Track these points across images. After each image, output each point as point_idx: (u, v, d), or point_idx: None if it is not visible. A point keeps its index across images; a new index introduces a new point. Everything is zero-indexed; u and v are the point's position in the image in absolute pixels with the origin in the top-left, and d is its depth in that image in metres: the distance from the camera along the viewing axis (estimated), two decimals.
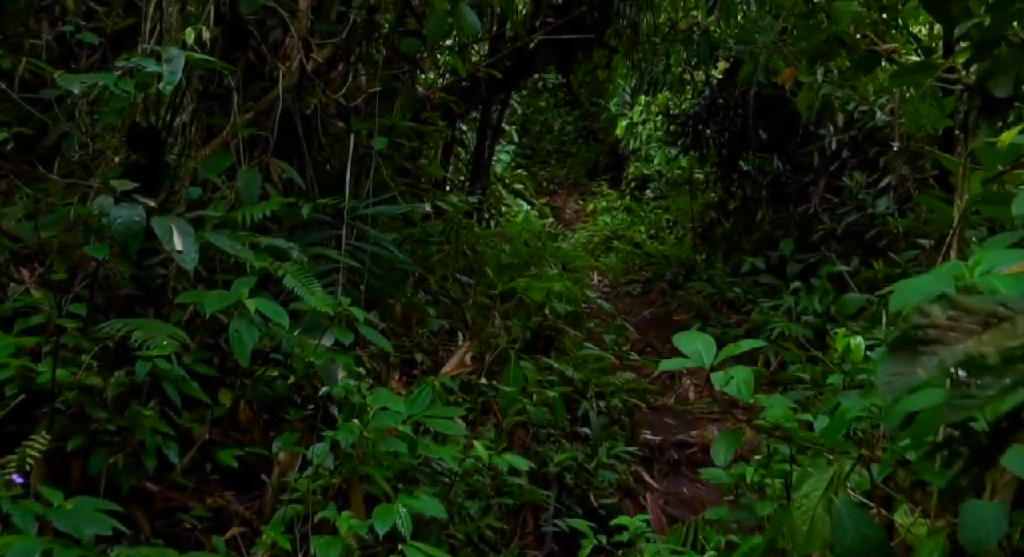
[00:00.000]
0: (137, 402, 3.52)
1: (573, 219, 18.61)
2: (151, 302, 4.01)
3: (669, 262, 13.21)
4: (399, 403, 3.92)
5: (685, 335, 3.59)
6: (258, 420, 4.18)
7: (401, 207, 5.64)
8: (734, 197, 12.30)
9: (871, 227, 8.88)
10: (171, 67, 3.04)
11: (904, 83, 4.09)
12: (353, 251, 5.10)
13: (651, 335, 10.69)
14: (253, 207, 4.15)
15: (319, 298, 3.88)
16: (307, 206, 4.52)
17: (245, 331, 3.76)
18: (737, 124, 11.79)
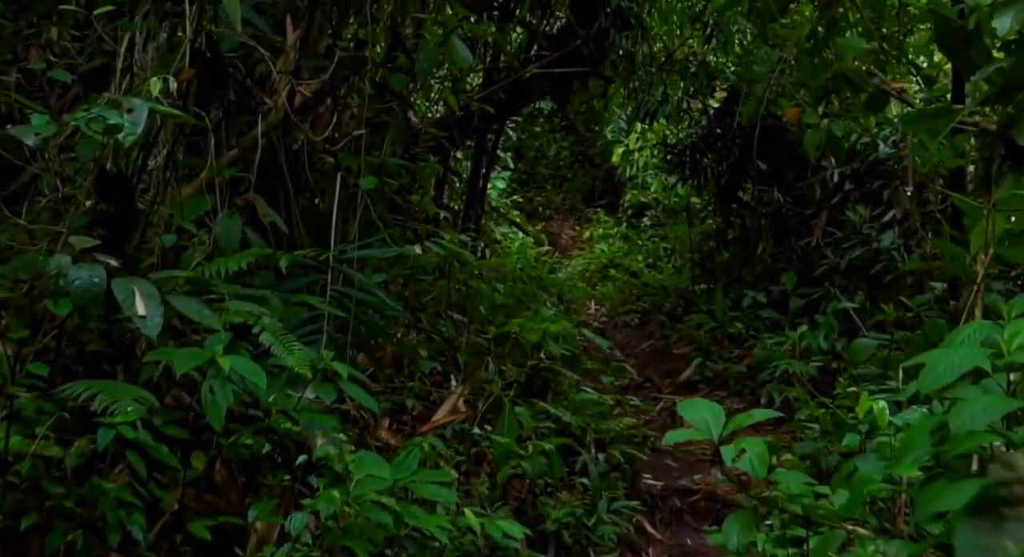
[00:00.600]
0: (99, 473, 3.26)
1: (569, 245, 18.41)
2: (120, 358, 3.76)
3: (668, 293, 12.98)
4: (384, 468, 3.67)
5: (691, 404, 3.35)
6: (235, 482, 3.92)
7: (390, 250, 5.40)
8: (733, 227, 12.09)
9: (876, 262, 8.66)
10: (132, 118, 2.81)
11: (920, 129, 3.87)
12: (339, 297, 4.86)
13: (650, 369, 10.45)
14: (229, 258, 3.91)
15: (297, 358, 3.63)
16: (285, 258, 4.27)
17: (219, 392, 3.51)
18: (735, 154, 11.60)
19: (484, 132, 11.40)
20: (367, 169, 6.24)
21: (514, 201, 18.20)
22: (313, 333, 4.81)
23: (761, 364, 8.99)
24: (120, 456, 3.37)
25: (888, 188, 8.91)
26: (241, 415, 3.94)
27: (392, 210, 7.36)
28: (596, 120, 17.40)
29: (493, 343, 6.37)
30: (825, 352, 8.37)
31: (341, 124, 6.91)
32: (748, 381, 9.13)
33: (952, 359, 2.61)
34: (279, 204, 5.82)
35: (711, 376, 9.52)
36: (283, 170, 5.77)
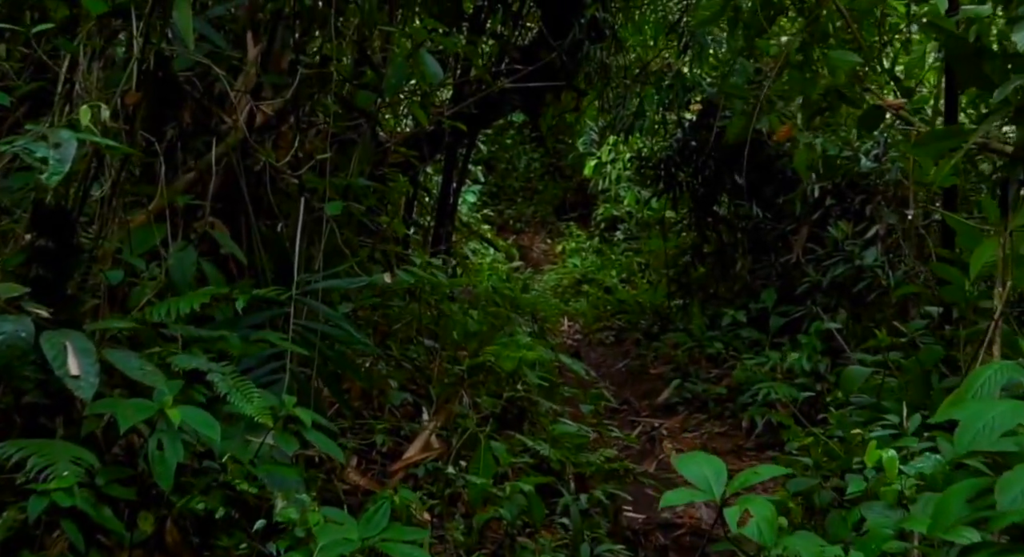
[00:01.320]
0: (32, 545, 2.93)
1: (541, 259, 18.14)
2: (59, 410, 3.42)
3: (643, 309, 12.71)
4: (352, 527, 3.36)
5: (690, 458, 3.07)
6: (188, 544, 3.58)
7: (358, 280, 5.08)
8: (709, 241, 11.83)
9: (859, 280, 8.42)
10: (59, 154, 2.48)
11: (928, 151, 3.62)
12: (303, 332, 4.53)
13: (627, 390, 10.17)
14: (181, 299, 3.58)
15: (256, 405, 3.31)
16: (242, 298, 3.94)
17: (168, 447, 3.19)
18: (711, 167, 11.36)
19: (455, 147, 11.09)
20: (333, 191, 5.92)
21: (484, 215, 17.90)
22: (276, 371, 4.49)
23: (742, 386, 8.73)
24: (56, 524, 3.04)
25: (870, 203, 8.68)
26: (194, 469, 3.60)
27: (360, 232, 7.04)
28: (568, 132, 17.18)
29: (467, 374, 6.05)
30: (808, 374, 8.12)
31: (305, 144, 6.60)
32: (728, 403, 8.86)
33: (990, 415, 2.35)
34: (240, 230, 5.50)
35: (690, 398, 9.25)
36: (243, 194, 5.44)
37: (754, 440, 8.16)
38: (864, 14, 6.31)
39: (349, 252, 5.66)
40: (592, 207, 17.76)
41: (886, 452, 3.13)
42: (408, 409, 6.37)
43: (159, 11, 4.17)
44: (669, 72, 10.98)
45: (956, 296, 4.87)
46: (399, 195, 7.94)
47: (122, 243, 3.97)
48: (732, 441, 8.28)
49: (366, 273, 6.74)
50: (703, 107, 11.06)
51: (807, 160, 4.52)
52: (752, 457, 7.89)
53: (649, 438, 8.44)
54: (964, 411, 2.43)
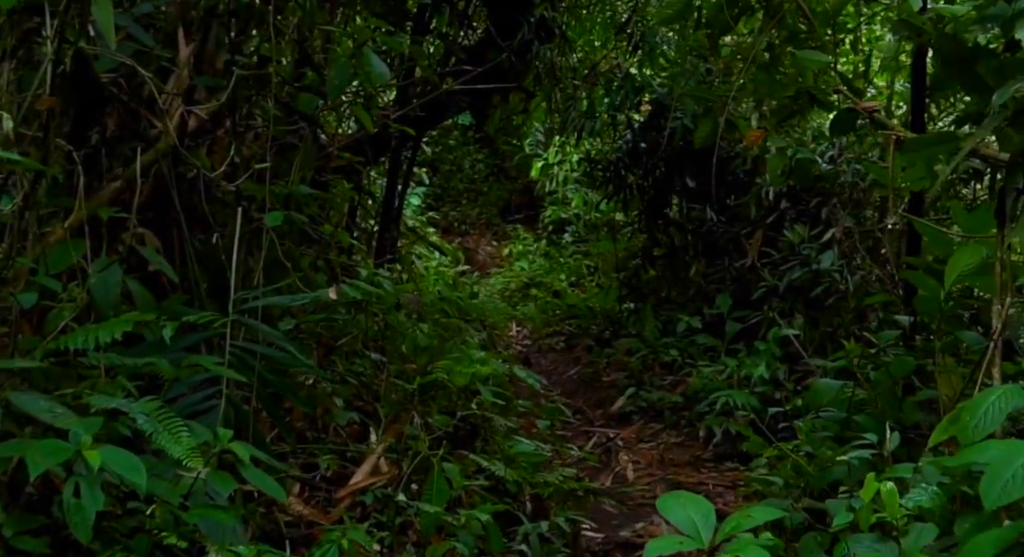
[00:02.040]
0: None
1: (487, 262, 17.85)
2: None
3: (594, 314, 12.46)
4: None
5: (674, 498, 2.80)
6: None
7: (300, 297, 4.74)
8: (660, 244, 11.59)
9: (816, 284, 8.23)
10: None
11: (919, 157, 3.39)
12: (240, 355, 4.19)
13: (580, 398, 9.91)
14: (101, 327, 3.23)
15: (185, 445, 2.98)
16: (170, 325, 3.59)
17: (87, 494, 2.85)
18: (661, 169, 11.14)
19: (400, 149, 10.76)
20: (273, 200, 5.58)
21: (429, 217, 17.56)
22: (212, 397, 4.14)
23: (698, 394, 8.51)
24: None
25: (826, 206, 8.50)
26: (116, 515, 3.25)
27: (302, 242, 6.70)
28: (514, 134, 16.91)
29: (418, 391, 5.73)
30: (767, 382, 7.91)
31: (243, 150, 6.25)
32: (685, 412, 8.63)
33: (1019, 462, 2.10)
34: (172, 243, 5.14)
35: (645, 406, 9.00)
36: (175, 204, 5.07)
37: (712, 450, 7.94)
38: (828, 14, 6.09)
39: (290, 265, 5.32)
40: (539, 209, 17.49)
41: (885, 484, 2.88)
42: (355, 428, 6.04)
43: (77, 7, 3.82)
44: (619, 73, 10.73)
45: (929, 306, 4.66)
46: (342, 201, 7.59)
47: (37, 261, 3.61)
48: (689, 452, 8.05)
49: (309, 285, 6.41)
50: (653, 108, 10.83)
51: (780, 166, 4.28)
52: (711, 468, 7.67)
53: (605, 449, 8.18)
54: (987, 453, 2.19)
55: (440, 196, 19.38)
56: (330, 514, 4.87)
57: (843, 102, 4.47)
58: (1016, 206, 3.04)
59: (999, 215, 3.17)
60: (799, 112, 4.41)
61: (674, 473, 7.58)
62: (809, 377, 8.06)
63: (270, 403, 4.44)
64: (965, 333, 4.65)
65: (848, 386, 5.20)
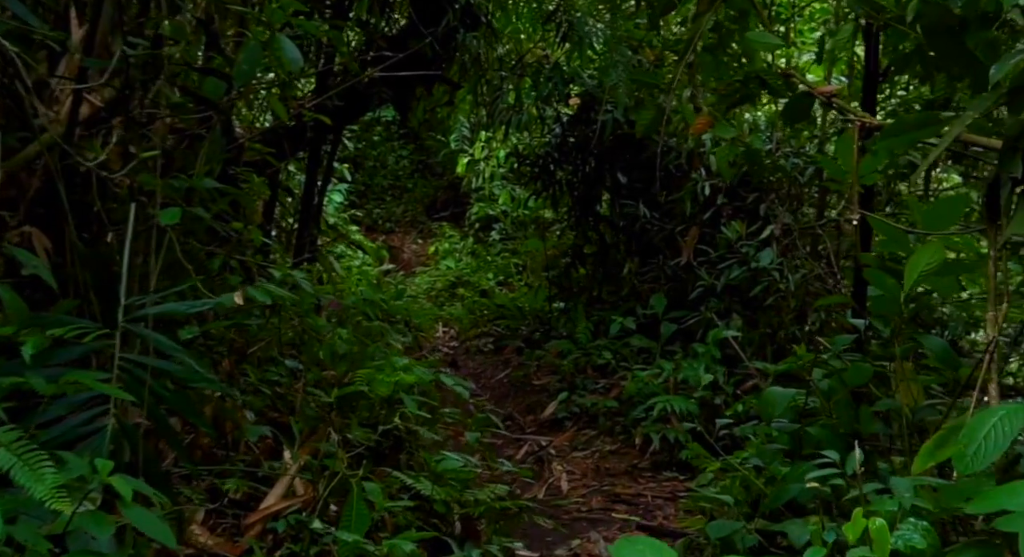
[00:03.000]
0: None
1: (412, 261, 17.39)
2: None
3: (523, 314, 12.06)
4: None
5: (628, 545, 2.40)
6: None
7: (199, 303, 4.24)
8: (591, 242, 11.23)
9: (755, 283, 7.92)
10: None
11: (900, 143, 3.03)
12: (129, 370, 3.69)
13: (510, 403, 9.51)
14: None
15: (49, 484, 2.50)
16: (31, 342, 3.09)
17: None
18: (591, 164, 10.77)
19: (319, 143, 10.24)
20: (174, 195, 5.09)
21: (352, 215, 17.02)
22: (98, 418, 3.64)
23: (633, 398, 8.15)
24: None
25: (764, 202, 8.20)
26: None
27: (212, 241, 6.18)
28: (438, 129, 16.46)
29: (336, 404, 5.26)
30: (706, 386, 7.58)
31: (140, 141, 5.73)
32: (620, 418, 8.27)
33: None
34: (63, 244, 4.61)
35: (578, 412, 8.62)
36: (62, 199, 4.54)
37: (649, 458, 7.59)
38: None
39: (193, 267, 4.82)
40: (465, 206, 17.06)
41: (874, 522, 2.51)
42: (268, 444, 5.55)
43: None
44: (547, 64, 10.34)
45: (887, 308, 4.33)
46: (257, 198, 7.08)
47: None
48: (626, 460, 7.70)
49: (221, 287, 5.92)
50: (582, 101, 10.46)
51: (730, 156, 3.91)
52: (649, 478, 7.32)
53: (537, 459, 7.80)
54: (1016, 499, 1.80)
55: (363, 193, 18.85)
56: (238, 544, 4.40)
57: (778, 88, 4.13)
58: (1011, 198, 2.70)
59: (990, 208, 2.83)
60: (749, 98, 4.06)
61: (610, 484, 7.21)
62: (749, 380, 7.77)
63: (165, 423, 3.93)
64: (929, 338, 4.33)
65: (800, 394, 4.85)
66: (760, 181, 8.21)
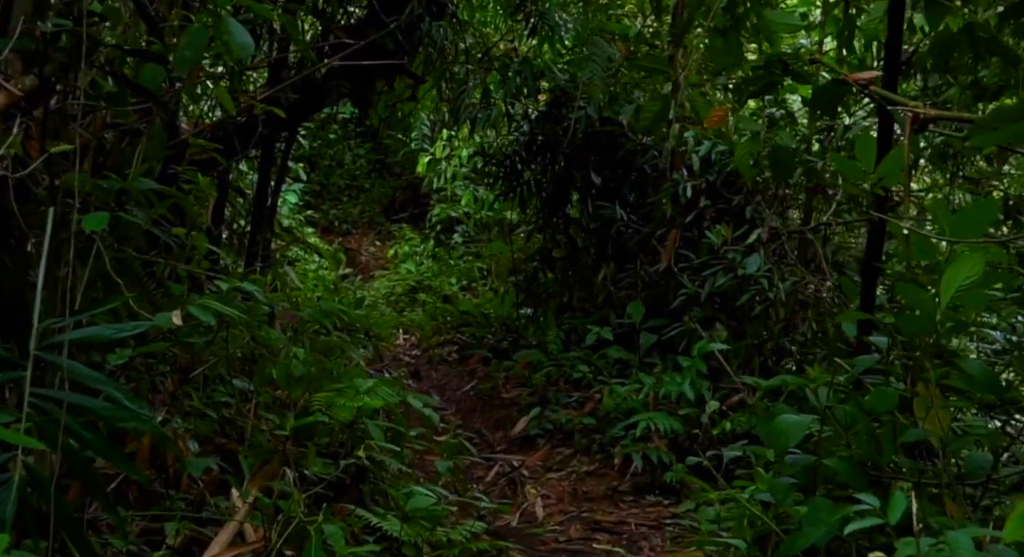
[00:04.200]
0: None
1: (371, 264, 16.77)
2: None
3: (489, 321, 11.48)
4: None
5: None
6: None
7: (127, 327, 3.61)
8: (560, 245, 10.67)
9: (741, 291, 7.40)
10: None
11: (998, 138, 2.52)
12: (43, 407, 3.08)
13: (477, 419, 8.93)
14: None
15: None
16: None
17: None
18: (561, 164, 10.22)
19: (272, 141, 9.60)
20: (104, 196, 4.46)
21: (307, 216, 16.36)
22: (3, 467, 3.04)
23: (611, 414, 7.60)
24: None
25: (750, 204, 7.69)
26: None
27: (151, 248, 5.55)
28: (398, 127, 15.85)
29: (291, 436, 4.65)
30: (692, 403, 7.05)
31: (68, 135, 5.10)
32: (596, 435, 7.71)
33: None
34: None
35: (551, 429, 8.05)
36: None
37: (630, 480, 7.04)
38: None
39: (125, 280, 4.19)
40: (426, 207, 16.44)
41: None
42: (215, 478, 4.94)
43: None
44: (515, 57, 9.77)
45: (920, 326, 3.81)
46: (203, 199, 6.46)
47: None
48: (605, 482, 7.14)
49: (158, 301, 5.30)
50: (553, 97, 9.90)
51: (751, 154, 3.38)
52: (631, 503, 6.78)
53: (509, 481, 7.22)
54: None
55: (319, 193, 18.20)
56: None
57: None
58: None
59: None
60: (771, 86, 3.53)
61: (589, 509, 6.66)
62: (734, 395, 7.26)
63: (85, 470, 3.32)
64: (969, 360, 3.82)
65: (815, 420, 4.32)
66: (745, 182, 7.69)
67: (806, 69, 3.49)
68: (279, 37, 8.17)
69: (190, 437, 5.02)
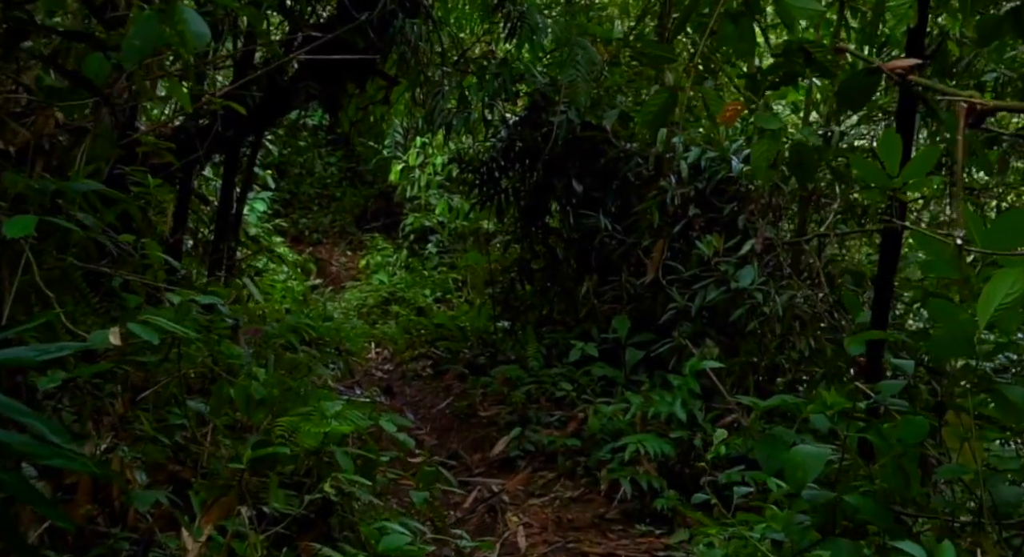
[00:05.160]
0: None
1: (342, 275, 16.28)
2: None
3: (465, 335, 11.01)
4: None
5: None
6: None
7: (55, 348, 3.12)
8: (539, 256, 10.23)
9: (734, 305, 6.98)
10: None
11: None
12: None
13: (453, 439, 8.44)
14: None
15: None
16: None
17: None
18: (540, 171, 9.77)
19: (237, 145, 9.13)
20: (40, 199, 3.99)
21: (277, 225, 15.84)
22: None
23: (596, 436, 7.15)
24: None
25: (743, 213, 7.28)
26: None
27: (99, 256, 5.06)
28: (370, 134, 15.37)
29: (249, 467, 4.17)
30: (684, 424, 6.62)
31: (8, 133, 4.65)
32: (581, 457, 7.25)
33: None
34: None
35: (532, 450, 7.58)
36: None
37: (618, 507, 6.58)
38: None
39: (61, 295, 3.72)
40: (398, 216, 15.96)
41: None
42: (164, 512, 4.45)
43: None
44: (493, 59, 9.33)
45: (957, 350, 3.40)
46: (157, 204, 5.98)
47: None
48: (591, 509, 6.68)
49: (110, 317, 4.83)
50: (532, 101, 9.47)
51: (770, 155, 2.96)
52: (620, 533, 6.33)
53: (488, 507, 6.75)
54: None
55: (289, 202, 17.68)
56: None
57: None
58: None
59: None
60: (792, 77, 3.11)
61: (575, 539, 6.19)
62: (727, 416, 6.84)
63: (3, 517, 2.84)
64: (1010, 387, 3.41)
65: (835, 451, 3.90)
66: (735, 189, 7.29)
67: (830, 57, 3.07)
68: (244, 32, 7.70)
69: (139, 466, 4.54)
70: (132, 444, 4.77)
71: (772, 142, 3.04)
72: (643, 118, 3.29)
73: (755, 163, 3.14)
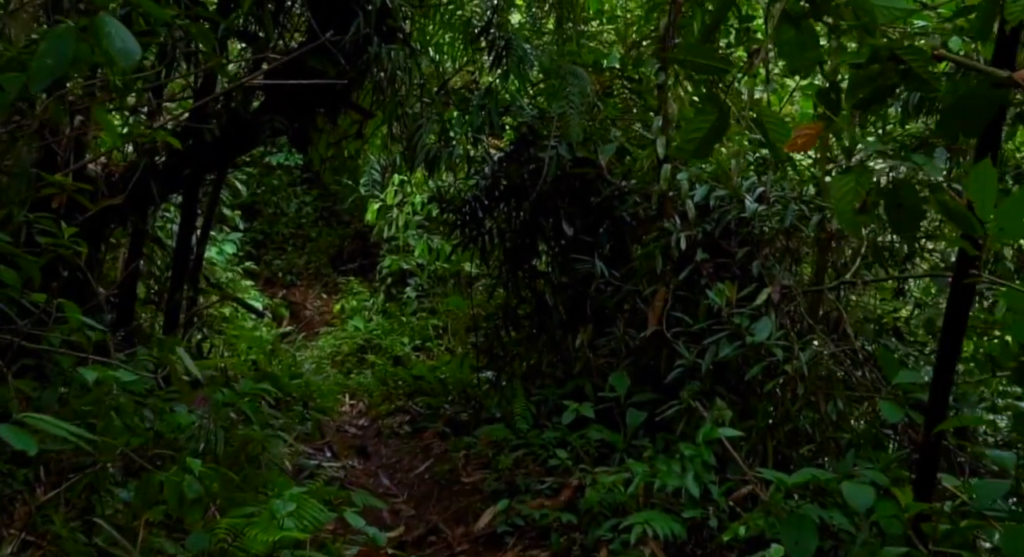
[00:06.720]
0: None
1: (315, 319, 15.47)
2: None
3: (446, 388, 10.18)
4: None
5: None
6: None
7: None
8: (526, 301, 9.42)
9: (749, 362, 6.20)
10: None
11: None
12: None
13: (433, 508, 7.59)
14: None
15: None
16: None
17: None
18: (527, 211, 8.99)
19: (196, 184, 8.34)
20: None
21: (247, 268, 15.00)
22: None
23: (594, 510, 6.32)
24: None
25: (757, 258, 6.51)
26: None
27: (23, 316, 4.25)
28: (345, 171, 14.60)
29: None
30: (697, 502, 5.79)
31: None
32: (577, 534, 6.41)
33: None
34: None
35: (522, 525, 6.72)
36: None
37: None
38: None
39: None
40: (375, 258, 15.16)
41: None
42: None
43: None
44: (477, 89, 8.59)
45: None
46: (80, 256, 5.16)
47: None
48: None
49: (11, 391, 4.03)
50: (520, 135, 8.71)
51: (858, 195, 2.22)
52: None
53: None
54: None
55: (262, 243, 16.89)
56: None
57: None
58: None
59: None
60: (887, 91, 2.36)
61: None
62: (742, 487, 6.02)
63: None
64: None
65: None
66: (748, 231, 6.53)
67: (929, 68, 2.34)
68: (204, 60, 6.93)
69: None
70: (50, 542, 3.97)
71: (862, 177, 2.28)
72: (685, 145, 2.54)
73: (839, 207, 2.40)
